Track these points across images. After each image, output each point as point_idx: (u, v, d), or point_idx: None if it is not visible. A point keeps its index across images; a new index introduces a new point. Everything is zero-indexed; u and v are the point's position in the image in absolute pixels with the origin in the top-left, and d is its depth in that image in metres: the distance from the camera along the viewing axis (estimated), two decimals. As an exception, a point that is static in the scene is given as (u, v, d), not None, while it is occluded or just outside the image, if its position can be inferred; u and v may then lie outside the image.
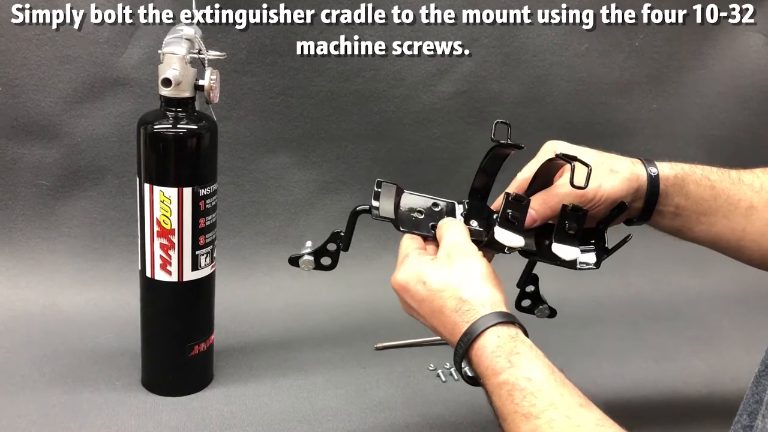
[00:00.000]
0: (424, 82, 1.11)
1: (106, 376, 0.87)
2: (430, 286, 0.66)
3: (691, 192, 0.75)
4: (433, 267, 0.67)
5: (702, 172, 0.76)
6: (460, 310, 0.64)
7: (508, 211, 0.66)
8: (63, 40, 0.99)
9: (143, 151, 0.78)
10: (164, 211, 0.78)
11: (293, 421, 0.82)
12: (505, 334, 0.62)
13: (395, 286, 0.69)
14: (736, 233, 0.76)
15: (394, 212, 0.73)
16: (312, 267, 0.78)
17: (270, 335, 1.00)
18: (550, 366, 0.60)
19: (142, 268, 0.81)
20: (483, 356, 0.61)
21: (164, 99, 0.77)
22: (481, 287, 0.65)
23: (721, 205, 0.75)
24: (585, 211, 0.68)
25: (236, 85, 1.04)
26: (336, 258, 0.78)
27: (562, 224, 0.68)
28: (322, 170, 1.13)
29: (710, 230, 0.76)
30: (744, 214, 0.75)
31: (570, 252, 0.68)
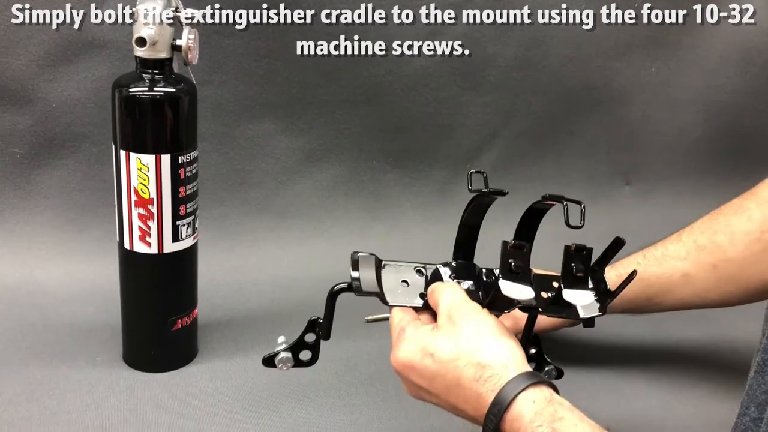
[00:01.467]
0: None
1: (85, 352, 0.84)
2: (440, 357, 0.58)
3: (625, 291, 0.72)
4: (437, 336, 0.60)
5: (626, 269, 0.77)
6: (481, 378, 0.56)
7: (509, 261, 0.60)
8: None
9: (118, 116, 0.73)
10: (142, 179, 0.74)
11: (280, 396, 0.80)
12: (541, 398, 0.55)
13: (397, 366, 0.62)
14: (685, 301, 0.81)
15: (378, 285, 0.66)
16: (291, 365, 0.69)
17: (256, 308, 0.97)
18: (598, 428, 0.54)
19: (120, 240, 0.78)
20: (521, 427, 0.54)
21: (139, 60, 0.73)
22: (498, 347, 0.58)
23: (658, 289, 0.80)
24: (590, 249, 0.62)
25: (218, 47, 1.00)
26: (317, 350, 0.70)
27: (568, 268, 0.62)
28: (309, 137, 1.09)
29: (661, 306, 0.82)
30: (682, 285, 0.80)
31: (583, 297, 0.62)
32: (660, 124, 1.25)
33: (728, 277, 0.79)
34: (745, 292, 0.80)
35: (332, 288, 0.67)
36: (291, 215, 1.10)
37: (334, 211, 1.12)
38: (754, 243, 0.77)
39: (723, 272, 0.79)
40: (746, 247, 0.78)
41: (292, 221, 1.10)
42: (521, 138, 1.18)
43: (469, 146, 1.16)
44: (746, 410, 0.60)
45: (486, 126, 1.15)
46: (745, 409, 0.60)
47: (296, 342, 0.70)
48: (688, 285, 0.79)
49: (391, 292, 0.66)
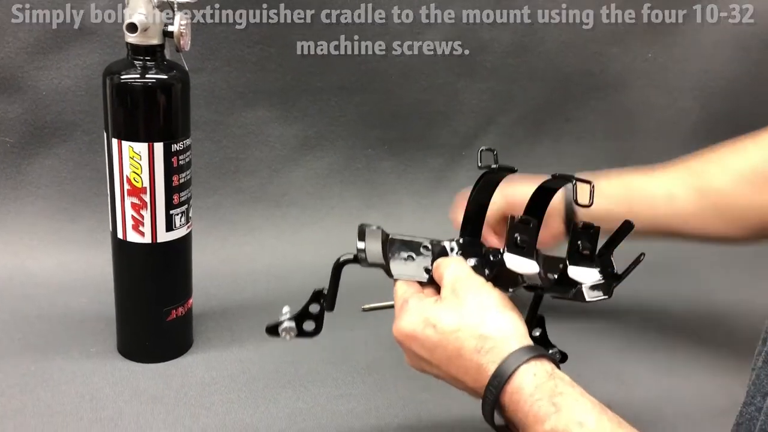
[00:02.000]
0: (410, 31, 1.06)
1: (79, 343, 0.83)
2: (442, 327, 0.58)
3: (604, 190, 0.73)
4: (440, 307, 0.60)
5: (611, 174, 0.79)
6: (482, 350, 0.56)
7: (515, 236, 0.60)
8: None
9: (110, 104, 0.72)
10: (134, 168, 0.73)
11: (277, 386, 0.79)
12: (542, 372, 0.55)
13: (399, 336, 0.62)
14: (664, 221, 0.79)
15: (383, 257, 0.66)
16: (294, 334, 0.69)
17: (252, 298, 0.96)
18: (599, 405, 0.54)
19: (113, 230, 0.77)
20: (521, 400, 0.54)
21: (131, 47, 0.71)
22: (502, 320, 0.58)
23: (640, 199, 0.78)
24: (597, 228, 0.62)
25: (210, 33, 0.98)
26: (320, 321, 0.70)
27: (574, 245, 0.62)
28: (303, 125, 1.07)
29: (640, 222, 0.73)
30: (666, 202, 0.79)
31: (589, 275, 0.61)
32: (657, 110, 1.24)
33: (712, 206, 0.77)
34: (726, 227, 0.79)
35: (338, 259, 0.67)
36: (286, 204, 1.09)
37: (329, 199, 1.11)
38: (744, 180, 0.76)
39: (708, 200, 0.77)
40: (736, 182, 0.76)
41: (286, 210, 1.09)
42: (517, 125, 1.17)
43: (465, 133, 1.15)
44: (752, 399, 0.59)
45: (482, 113, 1.14)
46: (751, 398, 0.60)
47: (300, 312, 0.70)
48: (672, 205, 0.77)
49: (396, 266, 0.66)
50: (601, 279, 0.64)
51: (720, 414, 0.80)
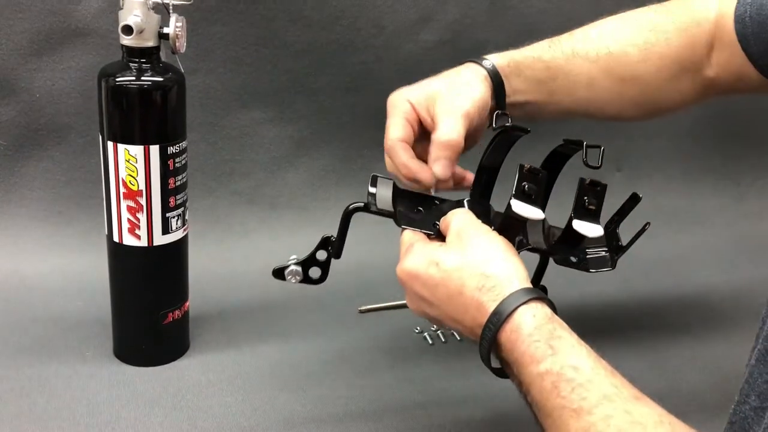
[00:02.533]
0: (406, 31, 1.06)
1: (75, 347, 0.83)
2: (445, 266, 0.59)
3: (528, 77, 0.73)
4: (445, 249, 0.60)
5: (533, 53, 0.75)
6: (484, 287, 0.56)
7: (523, 184, 0.60)
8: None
9: (105, 106, 0.72)
10: (130, 171, 0.72)
11: (274, 389, 0.79)
12: (542, 314, 0.55)
13: (402, 275, 0.62)
14: (582, 105, 0.77)
15: (393, 206, 0.67)
16: (300, 278, 0.70)
17: (248, 300, 0.95)
18: (594, 354, 0.53)
19: (109, 233, 0.76)
20: (519, 340, 0.54)
21: (126, 49, 0.71)
22: (504, 261, 0.58)
23: (561, 84, 0.74)
24: (604, 185, 0.62)
25: (205, 34, 0.98)
26: (326, 269, 0.71)
27: (580, 200, 0.62)
28: (299, 126, 1.07)
29: (558, 108, 0.77)
30: (585, 87, 0.75)
31: (593, 229, 0.62)
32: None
33: (631, 94, 0.76)
34: (638, 112, 0.79)
35: (347, 207, 0.68)
36: (281, 205, 1.09)
37: (325, 200, 1.10)
38: (665, 69, 0.75)
39: (628, 88, 0.76)
40: (657, 70, 0.75)
41: (282, 211, 1.08)
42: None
43: (460, 134, 1.14)
44: (746, 398, 0.59)
45: (477, 113, 1.14)
46: (745, 397, 0.59)
47: (307, 257, 0.70)
48: (590, 90, 0.76)
49: (404, 216, 0.67)
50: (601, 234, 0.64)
51: (715, 412, 0.80)
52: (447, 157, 0.68)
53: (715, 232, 1.25)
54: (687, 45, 0.75)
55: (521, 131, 0.64)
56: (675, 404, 0.81)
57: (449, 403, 0.79)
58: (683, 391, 0.84)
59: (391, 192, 0.68)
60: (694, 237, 1.23)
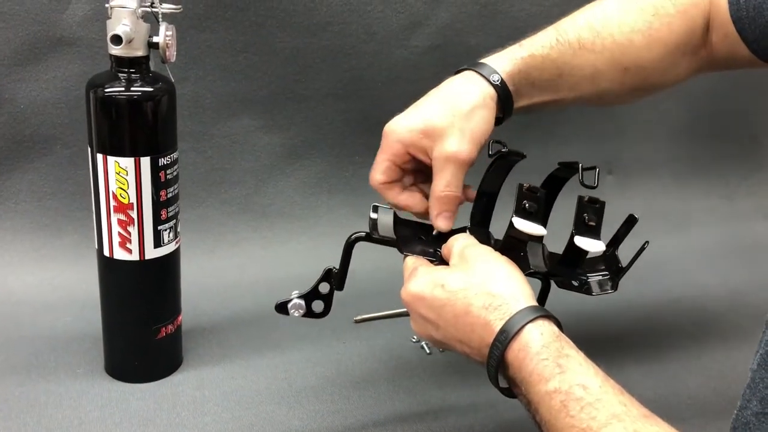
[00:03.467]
0: (396, 36, 1.05)
1: (65, 364, 0.81)
2: (450, 287, 0.59)
3: (535, 80, 0.71)
4: (450, 270, 0.60)
5: (542, 50, 0.71)
6: (490, 306, 0.56)
7: (523, 203, 0.60)
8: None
9: (94, 118, 0.70)
10: (120, 183, 0.70)
11: (271, 403, 0.77)
12: (549, 332, 0.54)
13: (407, 297, 0.61)
14: (583, 98, 0.75)
15: (395, 233, 0.67)
16: (303, 312, 0.70)
17: (241, 312, 0.94)
18: (602, 372, 0.53)
19: (99, 247, 0.74)
20: (527, 358, 0.53)
21: (115, 59, 0.69)
22: (509, 280, 0.58)
23: (566, 80, 0.72)
24: (602, 202, 0.63)
25: (193, 42, 0.96)
26: (329, 302, 0.71)
27: (580, 217, 0.62)
28: (289, 133, 1.06)
29: (561, 104, 0.75)
30: (589, 80, 0.73)
31: (595, 245, 0.62)
32: (641, 111, 1.24)
33: (634, 81, 0.75)
34: (636, 97, 0.79)
35: (349, 236, 0.68)
36: (273, 214, 1.07)
37: (317, 208, 1.09)
38: (667, 56, 0.74)
39: (632, 77, 0.75)
40: (660, 58, 0.74)
41: (274, 220, 1.07)
42: (504, 130, 1.15)
43: (452, 139, 1.14)
44: (748, 403, 0.59)
45: (469, 118, 1.13)
46: (747, 402, 0.59)
47: (310, 291, 0.70)
48: (593, 84, 0.74)
49: (406, 242, 0.67)
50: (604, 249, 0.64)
51: (716, 417, 0.80)
52: (448, 210, 0.67)
53: (706, 232, 1.25)
54: (687, 29, 0.74)
55: (518, 156, 0.65)
56: (674, 408, 0.81)
57: (449, 413, 0.78)
58: (682, 395, 0.84)
59: (392, 220, 0.69)
60: (685, 238, 1.23)
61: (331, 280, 0.70)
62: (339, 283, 0.70)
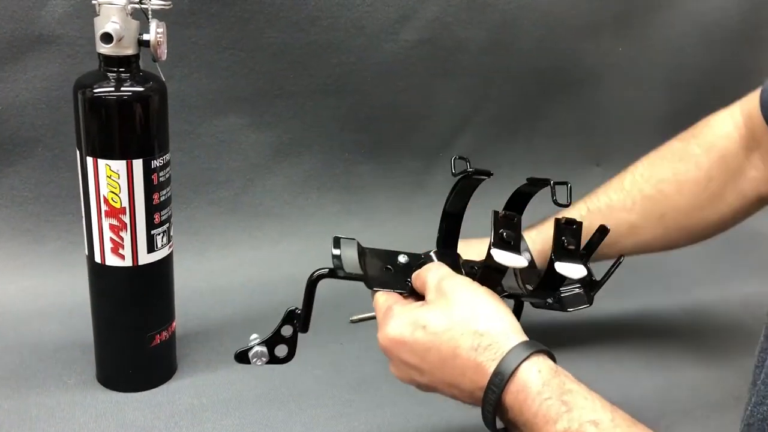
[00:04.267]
0: (385, 31, 1.03)
1: (55, 374, 0.78)
2: (433, 328, 0.55)
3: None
4: (429, 308, 0.56)
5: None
6: (479, 347, 0.53)
7: (501, 231, 0.58)
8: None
9: (83, 120, 0.67)
10: (112, 187, 0.68)
11: (271, 409, 0.75)
12: (546, 368, 0.52)
13: (386, 343, 0.57)
14: (628, 250, 0.76)
15: (362, 267, 0.64)
16: (266, 360, 0.66)
17: (234, 314, 0.91)
18: (608, 403, 0.51)
19: (90, 254, 0.72)
20: (528, 400, 0.50)
21: (103, 58, 0.67)
22: (494, 315, 0.55)
23: (604, 242, 0.72)
24: (580, 223, 0.60)
25: (178, 38, 0.93)
26: (293, 345, 0.66)
27: (559, 241, 0.60)
28: (278, 131, 1.04)
29: (602, 257, 0.74)
30: (627, 236, 0.77)
31: (576, 270, 0.59)
32: (628, 103, 1.25)
33: (675, 226, 0.77)
34: (689, 238, 0.80)
35: (311, 274, 0.64)
36: (262, 214, 1.05)
37: (307, 207, 1.07)
38: (701, 192, 0.76)
39: (670, 221, 0.77)
40: (694, 196, 0.76)
41: (263, 220, 1.05)
42: (493, 123, 1.16)
43: (442, 134, 1.13)
44: (763, 399, 0.58)
45: (458, 113, 1.13)
46: (762, 398, 0.59)
47: (272, 336, 0.66)
48: (634, 236, 0.77)
49: (374, 277, 0.64)
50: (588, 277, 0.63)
51: (718, 408, 0.80)
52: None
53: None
54: (717, 160, 0.76)
55: (484, 175, 0.62)
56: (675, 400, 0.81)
57: (451, 413, 0.76)
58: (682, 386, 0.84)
59: (356, 251, 0.65)
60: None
61: (294, 322, 0.66)
62: (303, 324, 0.65)
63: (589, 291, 0.68)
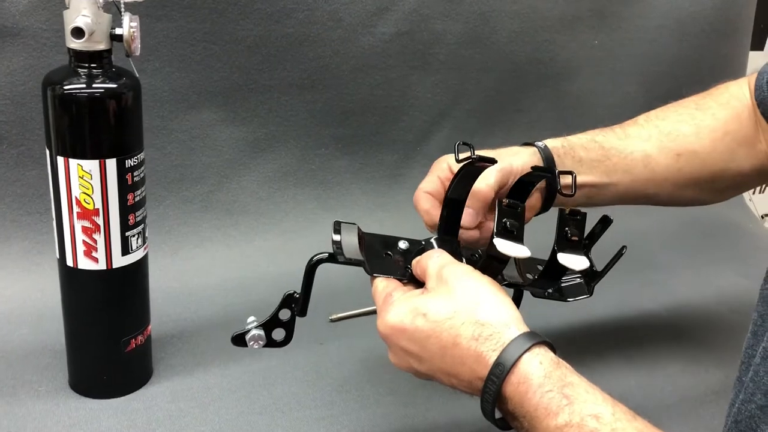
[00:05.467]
0: (362, 23, 1.01)
1: (25, 381, 0.75)
2: (434, 316, 0.54)
3: (582, 158, 0.72)
4: (429, 296, 0.56)
5: (587, 136, 0.75)
6: (480, 336, 0.52)
7: (504, 221, 0.57)
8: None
9: (53, 118, 0.64)
10: (84, 188, 0.65)
11: (252, 413, 0.74)
12: (548, 360, 0.51)
13: (385, 330, 0.57)
14: (641, 185, 0.75)
15: (361, 253, 0.63)
16: (263, 343, 0.65)
17: (210, 315, 0.89)
18: (608, 396, 0.51)
19: (62, 257, 0.69)
20: (529, 392, 0.50)
21: (74, 53, 0.63)
22: (496, 304, 0.54)
23: (616, 163, 0.74)
24: (584, 214, 0.60)
25: (149, 31, 0.90)
26: (291, 329, 0.66)
27: (562, 231, 0.60)
28: (252, 126, 1.01)
29: (617, 190, 0.75)
30: (642, 163, 0.74)
31: (578, 261, 0.59)
32: (603, 96, 1.25)
33: (690, 169, 0.76)
34: (698, 192, 0.78)
35: (311, 258, 0.63)
36: (237, 211, 1.03)
37: (283, 203, 1.05)
38: (718, 141, 0.75)
39: (686, 163, 0.75)
40: (712, 143, 0.75)
41: (238, 217, 1.03)
42: (470, 117, 1.15)
43: (419, 128, 1.11)
44: (752, 397, 0.58)
45: (435, 106, 1.11)
46: (751, 395, 0.59)
47: (269, 319, 0.65)
48: (649, 168, 0.75)
49: (374, 262, 0.63)
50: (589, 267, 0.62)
51: (698, 403, 0.81)
52: (471, 206, 0.66)
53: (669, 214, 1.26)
54: (733, 117, 0.75)
55: (488, 162, 0.61)
56: (657, 396, 0.82)
57: (436, 411, 0.76)
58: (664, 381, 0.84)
59: (357, 236, 0.64)
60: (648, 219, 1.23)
61: (292, 306, 0.65)
62: (301, 308, 0.65)
63: (590, 281, 0.67)
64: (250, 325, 0.65)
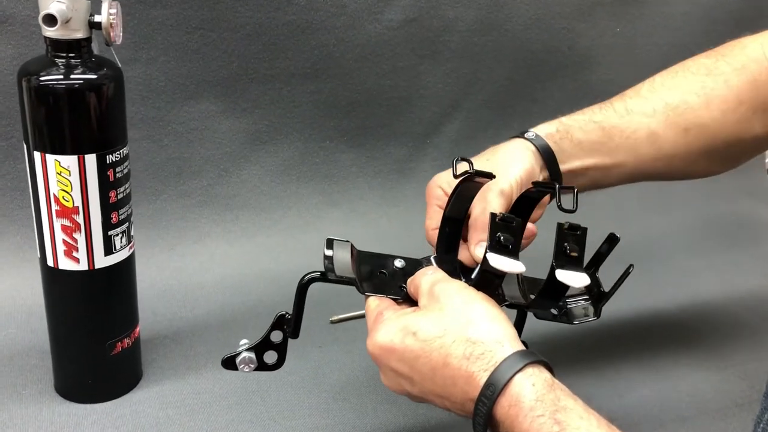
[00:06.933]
0: (368, 10, 0.97)
1: (9, 384, 0.73)
2: (424, 334, 0.52)
3: (582, 140, 0.68)
4: (420, 314, 0.54)
5: (584, 116, 0.70)
6: (471, 356, 0.50)
7: (498, 235, 0.55)
8: None
9: (29, 111, 0.61)
10: (63, 185, 0.62)
11: (244, 422, 0.71)
12: (541, 381, 0.49)
13: (374, 350, 0.55)
14: (648, 164, 0.71)
15: (354, 271, 0.61)
16: (254, 366, 0.63)
17: (205, 315, 0.86)
18: (605, 422, 0.48)
19: (42, 257, 0.66)
20: (519, 415, 0.48)
21: (50, 42, 0.60)
22: (489, 322, 0.52)
23: (619, 143, 0.69)
24: (584, 229, 0.57)
25: (143, 18, 0.87)
26: (283, 352, 0.64)
27: (561, 247, 0.57)
28: (253, 117, 0.98)
29: (624, 171, 0.71)
30: (647, 142, 0.70)
31: (578, 278, 0.56)
32: (625, 87, 1.17)
33: (700, 143, 0.71)
34: (709, 164, 0.74)
35: (302, 278, 0.60)
36: (237, 206, 1.00)
37: (285, 198, 1.02)
38: (730, 112, 0.70)
39: (693, 139, 0.70)
40: (723, 114, 0.70)
41: (239, 212, 1.00)
42: (484, 108, 1.11)
43: (429, 120, 1.08)
44: None
45: (446, 97, 1.07)
46: None
47: (261, 341, 0.63)
48: (655, 146, 0.70)
49: (367, 281, 0.61)
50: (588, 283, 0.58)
51: (720, 417, 0.76)
52: (484, 239, 0.62)
53: (687, 213, 1.21)
54: (748, 83, 0.69)
55: (486, 177, 0.59)
56: (676, 409, 0.77)
57: (437, 424, 0.72)
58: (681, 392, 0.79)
59: (349, 255, 0.62)
60: (666, 219, 1.19)
61: (284, 327, 0.62)
62: (293, 330, 0.62)
63: (597, 302, 0.64)
64: (241, 348, 0.63)
